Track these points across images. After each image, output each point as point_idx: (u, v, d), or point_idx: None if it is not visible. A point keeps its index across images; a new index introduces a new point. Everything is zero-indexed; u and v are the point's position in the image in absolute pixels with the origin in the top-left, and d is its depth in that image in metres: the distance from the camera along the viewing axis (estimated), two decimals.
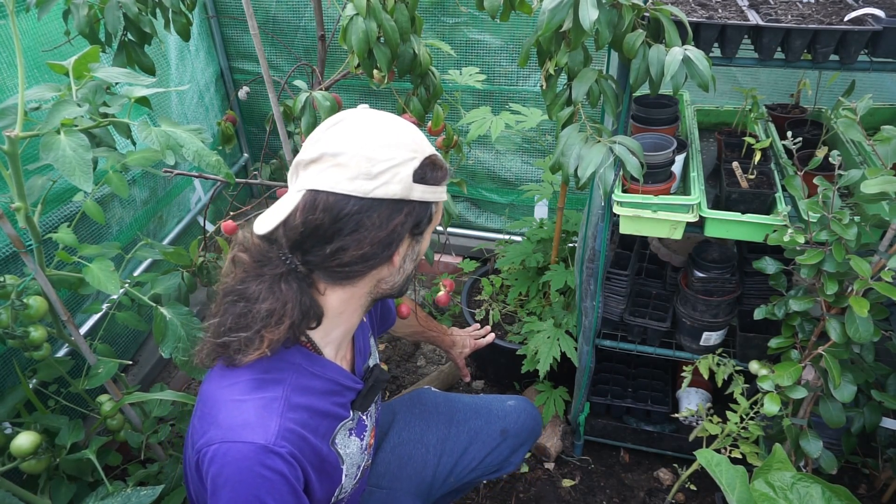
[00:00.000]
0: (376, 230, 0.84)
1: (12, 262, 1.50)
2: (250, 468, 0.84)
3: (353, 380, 1.04)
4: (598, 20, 1.03)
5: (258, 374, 0.90)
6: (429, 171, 0.88)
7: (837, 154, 1.09)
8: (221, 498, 0.85)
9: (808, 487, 1.01)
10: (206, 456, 0.86)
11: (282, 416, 0.87)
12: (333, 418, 0.99)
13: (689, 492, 1.80)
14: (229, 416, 0.86)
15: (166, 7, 1.39)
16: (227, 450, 0.84)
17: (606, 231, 1.43)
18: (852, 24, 1.12)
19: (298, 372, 0.93)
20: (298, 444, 0.89)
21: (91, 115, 1.05)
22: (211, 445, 0.85)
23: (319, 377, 0.96)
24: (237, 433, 0.85)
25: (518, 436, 1.42)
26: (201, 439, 0.87)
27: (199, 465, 0.88)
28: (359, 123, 0.86)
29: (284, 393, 0.90)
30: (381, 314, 1.35)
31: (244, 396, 0.88)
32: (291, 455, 0.87)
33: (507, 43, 2.16)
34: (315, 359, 0.96)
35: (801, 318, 1.26)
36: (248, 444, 0.84)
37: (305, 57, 2.39)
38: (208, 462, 0.85)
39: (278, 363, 0.92)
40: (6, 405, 1.27)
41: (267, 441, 0.84)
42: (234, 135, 1.76)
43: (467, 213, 2.60)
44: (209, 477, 0.86)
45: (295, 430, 0.88)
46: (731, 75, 2.00)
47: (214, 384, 0.92)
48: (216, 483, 0.85)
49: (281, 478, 0.86)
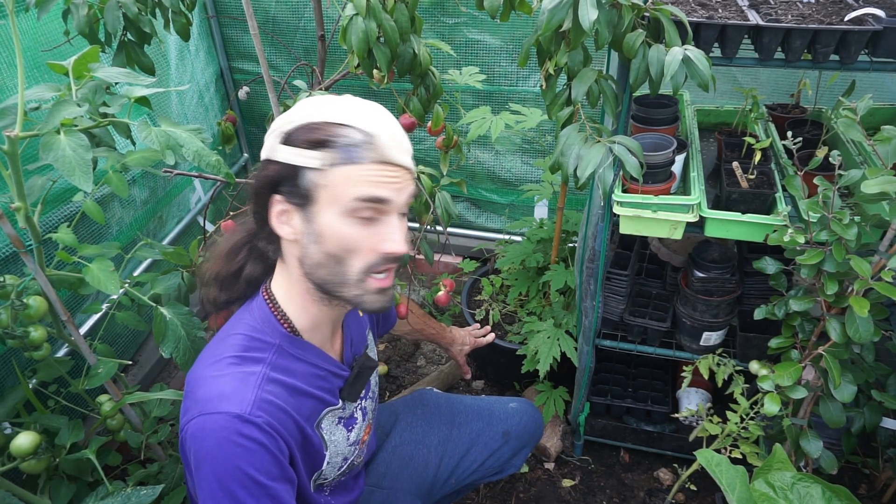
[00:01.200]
0: (253, 182, 0.92)
1: (12, 262, 1.50)
2: (227, 437, 0.84)
3: (337, 366, 1.04)
4: (598, 20, 1.03)
5: (238, 352, 0.92)
6: (301, 134, 0.86)
7: (837, 154, 1.09)
8: (204, 472, 0.85)
9: (808, 487, 1.01)
10: (188, 433, 0.87)
11: (258, 388, 0.88)
12: (318, 401, 1.00)
13: (689, 492, 1.80)
14: (207, 391, 0.88)
15: (166, 7, 1.39)
16: (204, 422, 0.85)
17: (606, 231, 1.43)
18: (852, 23, 1.12)
19: (279, 353, 0.94)
20: (278, 417, 0.89)
21: (91, 115, 1.05)
22: (190, 421, 0.86)
23: (301, 360, 0.97)
24: (213, 405, 0.85)
25: (520, 438, 1.42)
26: (183, 418, 0.89)
27: (183, 445, 0.90)
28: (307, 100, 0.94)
29: (263, 369, 0.91)
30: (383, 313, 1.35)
31: (222, 372, 0.90)
32: (269, 426, 0.87)
33: (507, 43, 2.16)
34: (296, 341, 0.97)
35: (802, 318, 1.26)
36: (222, 414, 0.84)
37: (305, 57, 2.39)
38: (190, 439, 0.86)
39: (259, 343, 0.94)
40: (6, 405, 1.27)
41: (242, 410, 0.85)
42: (234, 135, 1.76)
43: (467, 213, 2.60)
44: (192, 454, 0.87)
45: (273, 402, 0.89)
46: (731, 75, 2.00)
47: (198, 366, 0.94)
48: (198, 458, 0.86)
49: (260, 447, 0.86)
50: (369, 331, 1.21)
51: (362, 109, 0.88)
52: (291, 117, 0.89)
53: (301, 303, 0.97)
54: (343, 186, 0.85)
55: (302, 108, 0.89)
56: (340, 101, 0.89)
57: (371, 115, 0.88)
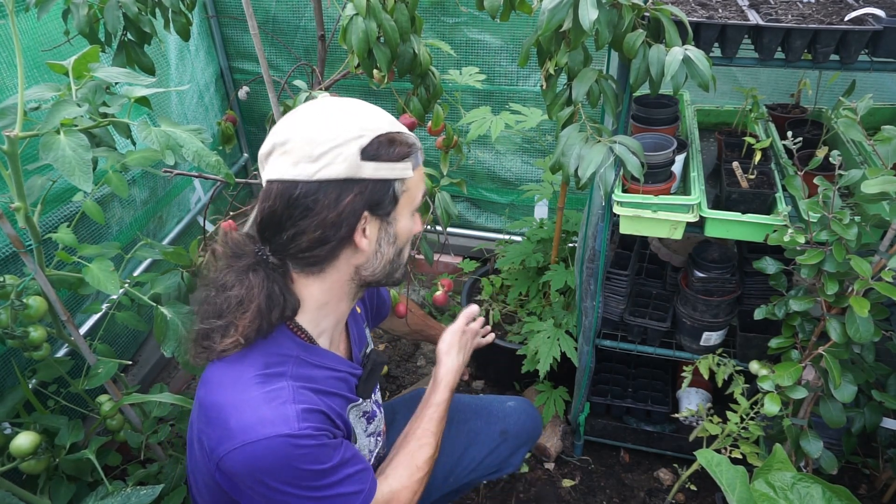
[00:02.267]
0: (327, 211, 0.85)
1: (12, 262, 1.50)
2: (287, 454, 0.84)
3: (351, 366, 1.05)
4: (598, 20, 1.03)
5: (259, 371, 0.90)
6: (383, 148, 0.87)
7: (838, 154, 1.09)
8: (281, 487, 0.86)
9: (808, 487, 1.01)
10: (227, 462, 0.85)
11: (293, 401, 0.87)
12: (343, 399, 1.01)
13: (690, 492, 1.80)
14: (242, 418, 0.85)
15: (166, 7, 1.39)
16: (254, 450, 0.83)
17: (606, 231, 1.43)
18: (853, 23, 1.12)
19: (297, 363, 0.94)
20: (321, 420, 0.90)
21: (91, 115, 1.05)
22: (231, 451, 0.85)
23: (319, 367, 0.97)
24: (258, 431, 0.84)
25: (518, 437, 1.42)
26: (219, 447, 0.86)
27: (220, 470, 0.88)
28: (308, 110, 0.88)
29: (288, 382, 0.90)
30: (375, 306, 1.36)
31: (250, 395, 0.87)
32: (318, 430, 0.88)
33: (507, 43, 2.16)
34: (312, 349, 0.97)
35: (802, 318, 1.26)
36: (272, 438, 0.83)
37: (305, 57, 2.39)
38: (238, 465, 0.85)
39: (276, 357, 0.92)
40: (6, 405, 1.27)
41: (291, 429, 0.84)
42: (234, 135, 1.76)
43: (467, 213, 2.60)
44: (240, 479, 0.86)
45: (311, 408, 0.89)
46: (732, 75, 2.00)
47: (216, 387, 0.90)
48: (254, 479, 0.85)
49: (316, 448, 0.87)
50: (366, 327, 1.22)
51: (382, 112, 0.92)
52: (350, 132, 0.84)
53: (328, 309, 0.97)
54: (416, 189, 0.94)
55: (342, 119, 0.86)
56: (357, 106, 0.90)
57: (392, 118, 0.92)
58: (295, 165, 0.83)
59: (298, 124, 0.85)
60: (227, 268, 0.92)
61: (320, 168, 0.83)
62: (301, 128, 0.85)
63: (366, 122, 0.87)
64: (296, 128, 0.85)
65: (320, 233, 0.86)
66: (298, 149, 0.83)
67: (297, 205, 0.84)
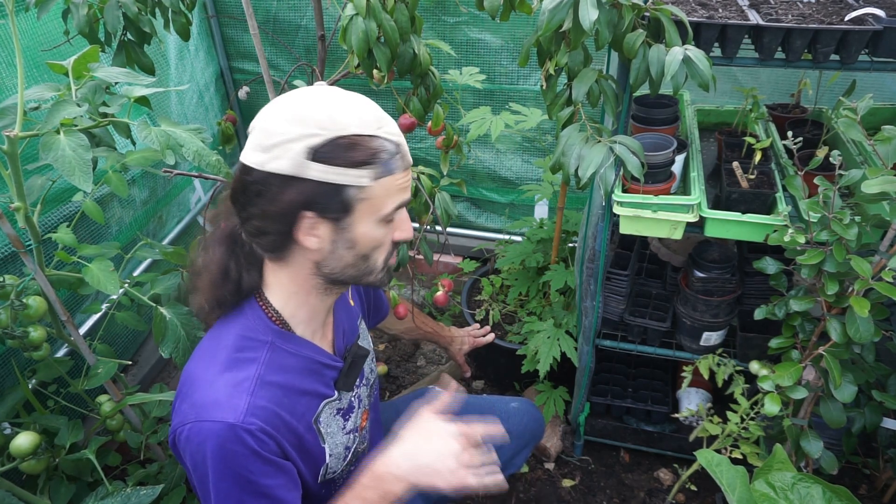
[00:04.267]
0: (268, 204, 0.85)
1: (12, 262, 1.50)
2: (222, 445, 0.86)
3: (331, 358, 1.04)
4: (598, 20, 1.03)
5: (232, 353, 0.92)
6: (338, 151, 0.82)
7: (838, 154, 1.09)
8: (200, 473, 0.88)
9: (808, 488, 1.01)
10: (182, 436, 0.88)
11: (252, 394, 0.89)
12: (314, 396, 1.00)
13: (690, 492, 1.80)
14: (202, 396, 0.89)
15: (166, 7, 1.39)
16: (199, 429, 0.87)
17: (606, 231, 1.43)
18: (853, 23, 1.12)
19: (273, 350, 0.95)
20: (271, 421, 0.90)
21: (91, 114, 1.05)
22: (185, 425, 0.88)
23: (295, 355, 0.97)
24: (208, 412, 0.87)
25: (521, 438, 1.42)
26: (177, 418, 0.90)
27: (175, 443, 0.91)
28: (288, 97, 0.87)
29: (257, 371, 0.91)
30: (374, 303, 1.37)
31: (217, 376, 0.90)
32: (262, 431, 0.89)
33: (507, 43, 2.15)
34: (288, 336, 0.97)
35: (802, 319, 1.26)
36: (216, 422, 0.86)
37: (305, 57, 2.39)
38: (184, 441, 0.88)
39: (252, 342, 0.94)
40: (5, 405, 1.27)
41: (236, 419, 0.86)
42: (234, 135, 1.76)
43: (467, 213, 2.60)
44: (187, 455, 0.89)
45: (266, 406, 0.90)
46: (732, 75, 1.99)
47: (193, 363, 0.94)
48: (195, 461, 0.88)
49: (253, 452, 0.88)
50: (361, 320, 1.21)
51: (368, 111, 0.86)
52: (305, 128, 0.81)
53: (299, 299, 0.97)
54: (381, 199, 0.87)
55: (306, 113, 0.83)
56: (339, 102, 0.85)
57: (384, 119, 0.88)
58: (252, 151, 0.85)
59: (269, 111, 0.86)
60: (211, 230, 0.97)
61: (269, 160, 0.83)
62: (268, 116, 0.85)
63: (329, 122, 0.82)
64: (265, 115, 0.86)
65: (263, 222, 0.87)
66: (256, 136, 0.85)
67: (249, 189, 0.86)
